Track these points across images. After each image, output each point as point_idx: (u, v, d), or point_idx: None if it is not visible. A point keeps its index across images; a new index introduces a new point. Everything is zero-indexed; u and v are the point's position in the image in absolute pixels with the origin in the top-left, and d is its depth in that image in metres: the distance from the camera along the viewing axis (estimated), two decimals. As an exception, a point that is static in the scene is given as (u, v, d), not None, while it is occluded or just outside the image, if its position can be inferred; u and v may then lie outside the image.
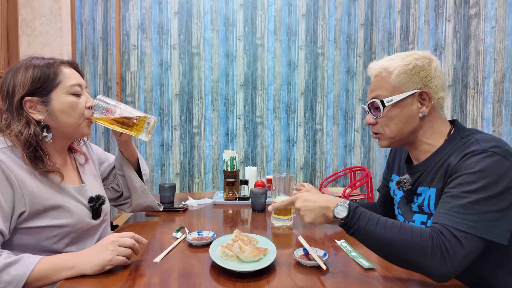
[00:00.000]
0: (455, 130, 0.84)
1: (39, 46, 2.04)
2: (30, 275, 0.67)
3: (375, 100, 0.86)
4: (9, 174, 0.75)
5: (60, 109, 0.84)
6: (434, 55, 0.86)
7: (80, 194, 0.92)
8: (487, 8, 1.78)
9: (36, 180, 0.80)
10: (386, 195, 1.10)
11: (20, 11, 2.00)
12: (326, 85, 3.27)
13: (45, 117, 0.83)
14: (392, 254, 0.70)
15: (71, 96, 0.86)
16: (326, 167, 3.33)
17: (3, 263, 0.66)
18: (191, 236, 0.95)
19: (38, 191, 0.80)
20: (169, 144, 3.18)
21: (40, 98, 0.83)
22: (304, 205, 0.79)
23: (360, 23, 3.25)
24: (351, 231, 0.73)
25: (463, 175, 0.72)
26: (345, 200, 0.75)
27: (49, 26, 2.05)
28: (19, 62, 0.86)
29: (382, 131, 0.88)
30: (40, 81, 0.82)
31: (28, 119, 0.81)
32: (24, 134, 0.79)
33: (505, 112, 1.66)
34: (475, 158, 0.71)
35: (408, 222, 0.88)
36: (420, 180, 0.86)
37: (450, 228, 0.67)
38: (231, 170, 1.48)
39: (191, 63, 3.14)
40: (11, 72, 0.84)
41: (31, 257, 0.70)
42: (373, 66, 0.89)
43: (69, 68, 0.89)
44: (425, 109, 0.82)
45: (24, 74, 0.82)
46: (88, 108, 0.90)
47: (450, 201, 0.71)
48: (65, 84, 0.85)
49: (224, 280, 0.72)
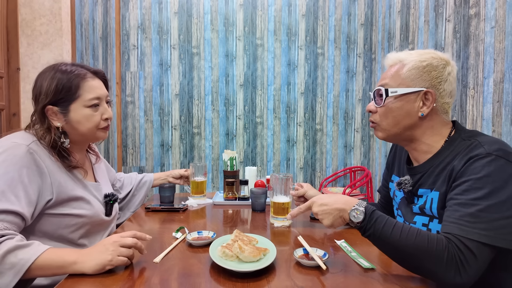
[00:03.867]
0: (456, 131, 0.83)
1: (39, 46, 2.04)
2: (35, 261, 0.69)
3: (381, 88, 0.85)
4: (40, 164, 0.82)
5: (76, 120, 0.91)
6: (453, 61, 0.85)
7: (96, 191, 0.99)
8: (487, 8, 1.78)
9: (62, 172, 0.88)
10: (386, 196, 1.10)
11: (20, 11, 2.00)
12: (326, 85, 3.27)
13: (63, 125, 0.90)
14: (406, 260, 0.70)
15: (88, 108, 0.92)
16: (326, 167, 3.33)
17: (14, 245, 0.69)
18: (191, 236, 0.95)
19: (64, 181, 0.87)
20: (169, 144, 3.18)
21: (60, 108, 0.89)
22: (321, 209, 0.79)
23: (360, 23, 3.25)
24: (367, 234, 0.73)
25: (469, 181, 0.71)
26: (361, 202, 0.74)
27: (49, 26, 2.05)
28: (50, 66, 0.92)
29: (378, 121, 0.87)
30: (62, 93, 0.88)
31: (49, 124, 0.89)
32: (47, 138, 0.87)
33: (505, 112, 1.66)
34: (480, 163, 0.71)
35: (409, 224, 0.88)
36: (421, 182, 0.86)
37: (462, 239, 0.66)
38: (231, 170, 1.48)
39: (191, 63, 3.14)
40: (40, 77, 0.90)
41: (40, 245, 0.73)
42: (390, 57, 0.88)
43: (94, 79, 0.94)
44: (425, 109, 0.81)
45: (49, 84, 0.88)
46: (104, 120, 0.96)
47: (459, 209, 0.70)
48: (84, 98, 0.91)
49: (224, 280, 0.72)
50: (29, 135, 0.87)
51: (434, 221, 0.82)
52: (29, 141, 0.83)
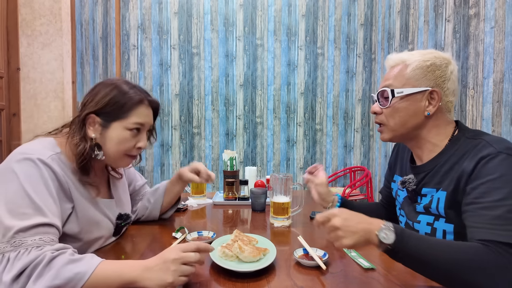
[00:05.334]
0: (459, 130, 0.84)
1: (39, 46, 2.04)
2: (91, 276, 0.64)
3: (386, 89, 0.85)
4: (63, 181, 0.78)
5: (111, 138, 0.86)
6: (454, 60, 0.85)
7: (109, 209, 0.94)
8: (486, 9, 1.78)
9: (76, 189, 0.83)
10: (388, 196, 1.10)
11: (20, 11, 2.00)
12: (326, 85, 3.27)
13: (97, 137, 0.86)
14: (451, 277, 0.64)
15: (128, 131, 0.87)
16: (326, 167, 3.33)
17: (68, 259, 0.65)
18: (191, 236, 0.95)
19: (79, 199, 0.83)
20: (169, 144, 3.18)
21: (102, 121, 0.85)
22: (346, 224, 0.67)
23: (359, 23, 3.25)
24: (399, 256, 0.65)
25: (486, 183, 0.69)
26: (387, 222, 0.67)
27: (49, 26, 2.05)
28: (114, 80, 0.89)
29: (386, 122, 0.87)
30: (112, 107, 0.85)
31: (85, 133, 0.85)
32: (80, 147, 0.83)
33: (504, 112, 1.66)
34: (493, 163, 0.70)
35: (413, 223, 0.88)
36: (425, 181, 0.85)
37: (498, 244, 0.64)
38: (231, 170, 1.48)
39: (191, 63, 3.15)
40: (99, 86, 0.88)
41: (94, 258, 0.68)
42: (392, 57, 0.88)
43: (147, 108, 0.92)
44: (431, 108, 0.82)
45: (105, 95, 0.85)
46: (137, 148, 0.91)
47: (486, 213, 0.68)
48: (129, 120, 0.87)
49: (224, 280, 0.72)
50: (54, 142, 0.82)
51: (441, 220, 0.81)
52: (52, 152, 0.79)
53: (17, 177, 0.71)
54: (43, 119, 2.05)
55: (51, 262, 0.64)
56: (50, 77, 2.07)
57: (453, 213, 0.78)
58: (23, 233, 0.66)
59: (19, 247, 0.65)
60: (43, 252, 0.65)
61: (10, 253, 0.64)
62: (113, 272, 0.67)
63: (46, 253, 0.65)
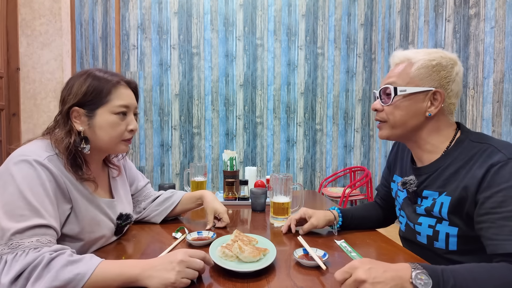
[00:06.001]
0: (462, 133, 0.83)
1: (39, 46, 2.04)
2: (91, 276, 0.64)
3: (389, 86, 0.84)
4: (61, 181, 0.78)
5: (100, 126, 0.86)
6: (460, 61, 0.84)
7: (110, 208, 0.93)
8: (486, 9, 1.78)
9: (74, 189, 0.83)
10: (385, 195, 1.09)
11: (19, 11, 2.00)
12: (326, 85, 3.27)
13: (85, 129, 0.85)
14: None
15: (115, 115, 0.87)
16: (326, 167, 3.33)
17: (66, 260, 0.65)
18: (190, 237, 0.95)
19: (79, 199, 0.83)
20: (168, 144, 3.17)
21: (86, 111, 0.85)
22: (372, 276, 0.60)
23: (360, 23, 3.25)
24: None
25: (502, 191, 0.68)
26: (413, 264, 0.62)
27: (48, 26, 2.05)
28: (84, 70, 0.88)
29: (386, 119, 0.86)
30: (92, 95, 0.84)
31: (70, 127, 0.84)
32: (65, 142, 0.81)
33: (504, 112, 1.66)
34: (506, 170, 0.69)
35: (414, 225, 0.87)
36: (426, 183, 0.85)
37: None
38: (230, 170, 1.48)
39: (191, 63, 3.14)
40: (72, 80, 0.87)
41: (93, 258, 0.68)
42: (397, 55, 0.87)
43: (125, 88, 0.91)
44: (433, 109, 0.81)
45: (80, 85, 0.84)
46: (129, 131, 0.91)
47: (506, 224, 0.66)
48: (113, 104, 0.86)
49: (224, 280, 0.72)
50: (49, 143, 0.82)
51: (444, 223, 0.80)
52: (48, 153, 0.79)
53: (14, 179, 0.71)
54: (42, 119, 2.05)
55: (50, 264, 0.64)
56: (50, 77, 2.07)
57: (457, 218, 0.77)
58: (20, 234, 0.66)
59: (16, 249, 0.65)
60: (41, 254, 0.64)
61: (8, 255, 0.64)
62: (113, 271, 0.67)
63: (45, 254, 0.64)
